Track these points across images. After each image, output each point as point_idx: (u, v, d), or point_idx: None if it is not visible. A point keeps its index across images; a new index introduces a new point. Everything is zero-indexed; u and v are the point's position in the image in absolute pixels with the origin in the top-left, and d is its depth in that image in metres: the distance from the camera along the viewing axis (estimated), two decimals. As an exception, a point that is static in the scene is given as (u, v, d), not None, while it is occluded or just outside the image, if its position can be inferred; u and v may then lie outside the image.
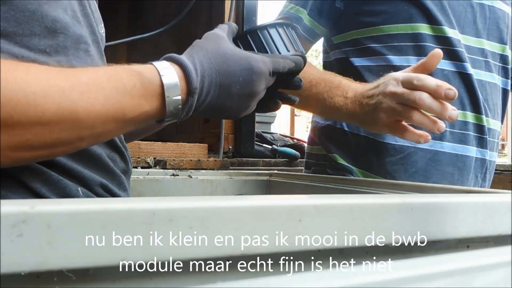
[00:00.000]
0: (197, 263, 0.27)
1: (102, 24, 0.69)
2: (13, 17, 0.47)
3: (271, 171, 0.89)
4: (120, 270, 0.25)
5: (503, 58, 0.81)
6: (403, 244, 0.31)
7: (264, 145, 1.50)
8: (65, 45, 0.53)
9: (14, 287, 0.22)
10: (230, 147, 1.23)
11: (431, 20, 0.74)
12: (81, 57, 0.57)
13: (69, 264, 0.22)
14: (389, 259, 0.26)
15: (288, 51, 0.53)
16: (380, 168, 0.76)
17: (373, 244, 0.30)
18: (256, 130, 1.47)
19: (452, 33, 0.74)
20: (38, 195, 0.42)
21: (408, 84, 0.58)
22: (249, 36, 0.53)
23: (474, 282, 0.20)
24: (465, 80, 0.74)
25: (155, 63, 0.43)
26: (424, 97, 0.56)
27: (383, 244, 0.30)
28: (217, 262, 0.27)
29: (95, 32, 0.61)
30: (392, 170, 0.75)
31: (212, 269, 0.27)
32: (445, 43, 0.74)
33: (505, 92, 0.83)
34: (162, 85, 0.41)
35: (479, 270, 0.21)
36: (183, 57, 0.44)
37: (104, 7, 0.62)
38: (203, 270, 0.27)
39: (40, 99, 0.33)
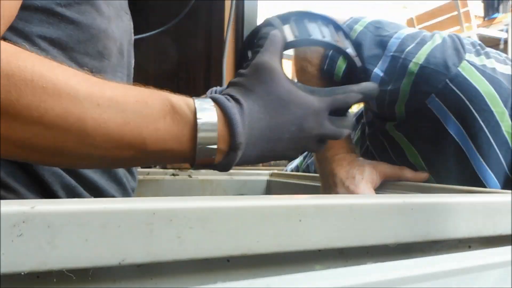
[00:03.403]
0: (197, 263, 0.27)
1: (133, 61, 0.72)
2: (76, 36, 0.50)
3: (271, 171, 0.89)
4: (120, 270, 0.25)
5: None
6: (403, 244, 0.31)
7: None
8: (106, 70, 0.56)
9: (14, 287, 0.22)
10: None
11: None
12: None
13: (69, 264, 0.22)
14: (389, 259, 0.26)
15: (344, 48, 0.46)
16: None
17: (373, 244, 0.30)
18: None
19: None
20: (52, 196, 0.43)
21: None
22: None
23: (474, 282, 0.20)
24: None
25: (197, 101, 0.37)
26: None
27: (383, 244, 0.30)
28: (217, 262, 0.27)
29: (130, 67, 0.64)
30: None
31: (212, 269, 0.27)
32: None
33: None
34: (195, 128, 0.35)
35: (479, 270, 0.21)
36: (230, 105, 0.37)
37: (104, 7, 0.63)
38: (203, 270, 0.27)
39: (47, 97, 0.30)
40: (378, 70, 0.64)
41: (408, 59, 0.62)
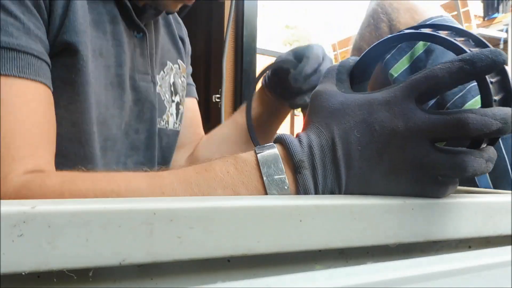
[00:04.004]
0: (197, 263, 0.27)
1: (169, 109, 0.70)
2: (77, 139, 0.51)
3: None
4: (121, 270, 0.25)
5: None
6: (403, 244, 0.31)
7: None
8: (109, 161, 0.55)
9: (15, 287, 0.22)
10: (230, 147, 1.23)
11: None
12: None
13: (70, 264, 0.22)
14: (389, 259, 0.26)
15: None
16: None
17: (373, 244, 0.30)
18: (256, 130, 1.46)
19: None
20: None
21: None
22: None
23: (474, 282, 0.20)
24: None
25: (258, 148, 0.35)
26: None
27: (383, 244, 0.30)
28: (217, 262, 0.27)
29: (151, 131, 0.63)
30: None
31: (212, 269, 0.27)
32: None
33: None
34: (257, 162, 0.34)
35: (479, 270, 0.21)
36: (285, 134, 0.36)
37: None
38: (203, 270, 0.27)
39: None
40: None
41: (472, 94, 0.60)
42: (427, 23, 0.37)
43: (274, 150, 0.34)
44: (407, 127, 0.30)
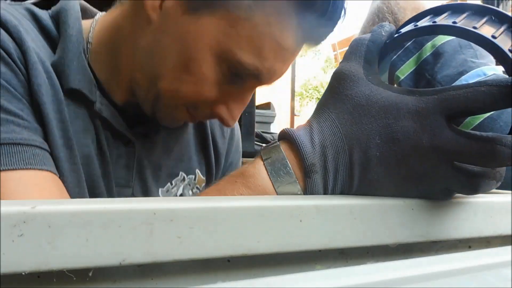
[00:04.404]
0: (197, 263, 0.27)
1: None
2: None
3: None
4: (121, 270, 0.25)
5: None
6: (403, 244, 0.31)
7: (264, 145, 1.50)
8: None
9: (15, 287, 0.22)
10: (230, 147, 1.23)
11: None
12: None
13: (70, 264, 0.22)
14: (389, 259, 0.26)
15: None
16: None
17: (373, 244, 0.30)
18: (256, 130, 1.47)
19: None
20: None
21: None
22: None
23: (474, 282, 0.20)
24: None
25: (263, 151, 0.34)
26: None
27: (384, 244, 0.30)
28: (217, 262, 0.27)
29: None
30: None
31: (212, 269, 0.27)
32: None
33: None
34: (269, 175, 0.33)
35: (479, 270, 0.21)
36: (293, 129, 0.34)
37: (103, 5, 0.62)
38: (203, 270, 0.27)
39: None
40: None
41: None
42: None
43: (282, 155, 0.33)
44: (432, 144, 0.29)
